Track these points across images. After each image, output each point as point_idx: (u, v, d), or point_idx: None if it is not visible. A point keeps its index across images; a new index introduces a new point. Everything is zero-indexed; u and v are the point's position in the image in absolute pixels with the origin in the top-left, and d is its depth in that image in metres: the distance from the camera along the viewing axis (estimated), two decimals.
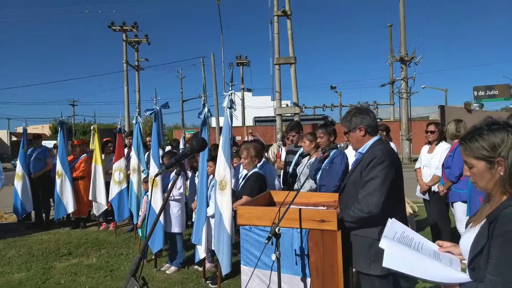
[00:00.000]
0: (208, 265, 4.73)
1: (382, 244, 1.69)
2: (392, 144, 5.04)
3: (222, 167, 3.95)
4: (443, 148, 4.67)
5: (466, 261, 1.55)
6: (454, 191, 4.38)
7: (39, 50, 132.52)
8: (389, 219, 1.95)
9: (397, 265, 1.60)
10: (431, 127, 4.84)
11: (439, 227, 4.75)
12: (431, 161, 4.75)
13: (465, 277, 1.49)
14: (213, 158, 4.42)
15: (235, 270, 4.05)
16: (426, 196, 4.84)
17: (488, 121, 1.52)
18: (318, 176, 4.15)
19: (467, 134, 1.55)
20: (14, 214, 7.79)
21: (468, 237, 1.54)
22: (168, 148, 8.42)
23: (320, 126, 4.36)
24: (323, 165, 4.11)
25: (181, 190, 4.98)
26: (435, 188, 4.67)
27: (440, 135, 4.81)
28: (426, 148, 5.01)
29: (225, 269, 3.86)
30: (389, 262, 1.60)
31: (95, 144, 7.42)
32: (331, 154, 4.08)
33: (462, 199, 4.29)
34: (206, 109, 4.45)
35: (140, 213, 5.65)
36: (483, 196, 1.67)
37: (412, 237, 1.77)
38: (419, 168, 5.02)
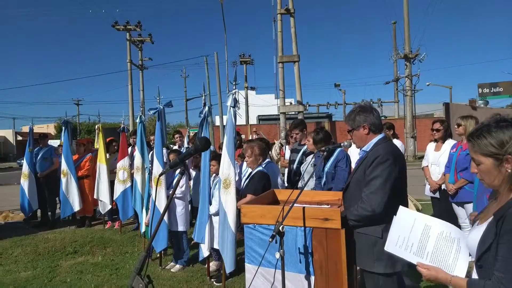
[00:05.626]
0: (215, 263, 4.74)
1: (388, 247, 1.74)
2: (399, 142, 5.01)
3: (226, 166, 3.95)
4: (451, 146, 4.62)
5: (473, 258, 1.55)
6: (469, 191, 4.20)
7: (43, 50, 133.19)
8: (394, 217, 1.94)
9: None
10: (437, 125, 4.79)
11: None
12: (439, 159, 4.70)
13: None
14: (215, 157, 4.42)
15: (240, 268, 4.06)
16: (436, 194, 4.78)
17: (496, 118, 1.51)
18: (321, 176, 4.13)
19: (475, 130, 1.55)
20: (22, 212, 7.87)
21: (475, 234, 1.53)
22: (175, 147, 8.42)
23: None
24: (327, 168, 4.09)
25: (183, 189, 4.99)
26: (444, 185, 4.59)
27: (445, 132, 4.77)
28: (432, 145, 4.96)
29: (229, 267, 3.86)
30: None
31: (99, 143, 7.46)
32: (335, 155, 4.06)
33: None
34: (206, 108, 4.46)
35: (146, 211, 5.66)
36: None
37: (412, 242, 1.75)
38: (427, 166, 4.96)
